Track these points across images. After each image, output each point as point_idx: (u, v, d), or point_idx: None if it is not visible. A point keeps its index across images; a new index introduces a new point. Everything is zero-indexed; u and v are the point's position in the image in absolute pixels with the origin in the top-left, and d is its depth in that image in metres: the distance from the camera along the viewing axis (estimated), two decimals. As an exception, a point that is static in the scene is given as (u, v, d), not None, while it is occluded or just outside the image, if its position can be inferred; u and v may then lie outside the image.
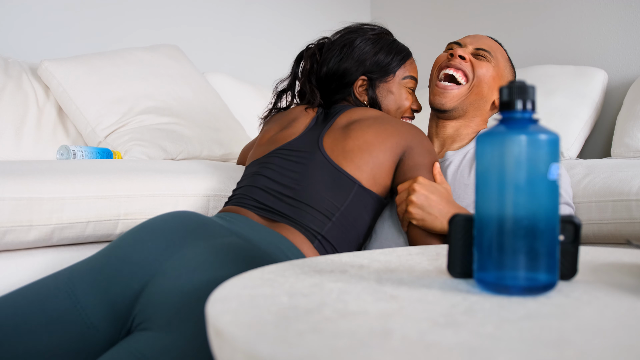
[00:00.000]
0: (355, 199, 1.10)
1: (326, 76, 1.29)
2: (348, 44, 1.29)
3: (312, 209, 1.08)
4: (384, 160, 1.13)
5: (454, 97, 1.33)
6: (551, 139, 0.54)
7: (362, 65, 1.27)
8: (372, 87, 1.29)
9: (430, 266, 0.69)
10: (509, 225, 0.54)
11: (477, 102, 1.34)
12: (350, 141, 1.14)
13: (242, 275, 0.62)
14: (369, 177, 1.11)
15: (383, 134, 1.15)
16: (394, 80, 1.31)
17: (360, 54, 1.28)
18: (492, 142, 0.55)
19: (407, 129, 1.18)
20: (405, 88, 1.32)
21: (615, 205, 1.25)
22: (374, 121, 1.18)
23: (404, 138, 1.15)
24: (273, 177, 1.15)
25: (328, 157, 1.14)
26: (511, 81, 0.56)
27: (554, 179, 0.54)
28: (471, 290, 0.58)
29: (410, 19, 2.97)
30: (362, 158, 1.12)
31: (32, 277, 1.16)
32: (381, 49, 1.30)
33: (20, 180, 1.12)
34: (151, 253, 0.90)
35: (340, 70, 1.28)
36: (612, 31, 2.13)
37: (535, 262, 0.54)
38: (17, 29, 2.15)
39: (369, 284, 0.60)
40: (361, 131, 1.15)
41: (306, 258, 0.73)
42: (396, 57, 1.32)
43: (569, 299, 0.55)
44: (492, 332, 0.46)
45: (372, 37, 1.31)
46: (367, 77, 1.28)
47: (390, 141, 1.14)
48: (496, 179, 0.55)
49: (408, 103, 1.32)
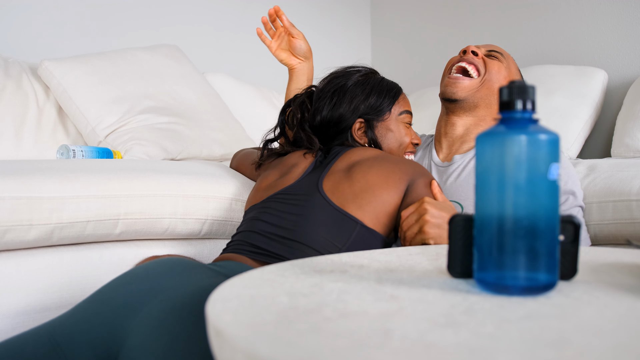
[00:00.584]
0: (358, 238, 1.07)
1: (321, 124, 1.29)
2: (338, 89, 1.29)
3: (310, 249, 1.05)
4: (387, 198, 1.10)
5: (465, 88, 1.34)
6: (551, 139, 0.54)
7: (357, 109, 1.27)
8: (370, 129, 1.28)
9: (430, 266, 0.69)
10: (509, 225, 0.54)
11: (487, 98, 1.34)
12: (353, 183, 1.13)
13: (242, 275, 0.62)
14: (372, 217, 1.09)
15: (385, 173, 1.13)
16: (391, 118, 1.30)
17: (353, 98, 1.28)
18: (492, 142, 0.55)
19: (408, 165, 1.17)
20: (402, 124, 1.32)
21: (616, 205, 1.25)
22: (375, 161, 1.16)
23: (407, 174, 1.14)
24: (271, 220, 1.12)
25: (328, 199, 1.11)
26: (511, 81, 0.56)
27: (554, 179, 0.54)
28: (471, 290, 0.58)
29: (410, 19, 2.97)
30: (365, 198, 1.10)
31: (32, 278, 1.16)
32: (372, 90, 1.30)
33: (21, 179, 1.12)
34: (134, 295, 0.87)
35: (335, 117, 1.27)
36: (612, 31, 2.13)
37: (535, 262, 0.54)
38: (17, 28, 2.15)
39: (369, 283, 0.60)
40: (362, 172, 1.13)
41: (306, 258, 0.72)
42: (388, 95, 1.31)
43: (569, 299, 0.55)
44: (492, 332, 0.46)
45: (360, 79, 1.31)
46: (364, 119, 1.28)
47: (393, 179, 1.12)
48: (496, 179, 0.55)
49: (408, 139, 1.31)
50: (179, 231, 1.33)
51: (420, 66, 2.92)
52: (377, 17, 3.18)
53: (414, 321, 0.48)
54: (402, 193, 1.12)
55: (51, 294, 1.18)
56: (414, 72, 2.94)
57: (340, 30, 3.09)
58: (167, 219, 1.30)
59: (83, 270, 1.23)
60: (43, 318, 1.16)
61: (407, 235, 1.05)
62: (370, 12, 3.21)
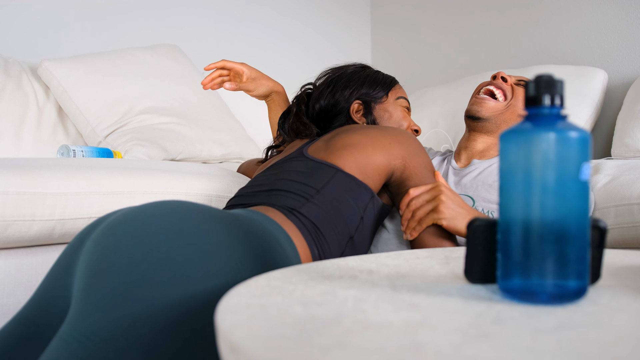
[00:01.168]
0: (337, 182, 1.05)
1: (319, 112, 1.31)
2: (335, 78, 1.33)
3: (286, 192, 1.04)
4: (373, 155, 1.08)
5: (489, 108, 1.35)
6: (582, 136, 0.51)
7: (353, 93, 1.30)
8: (369, 110, 1.30)
9: (443, 270, 0.65)
10: (537, 229, 0.51)
11: (511, 122, 1.35)
12: (335, 142, 1.12)
13: (247, 282, 0.58)
14: (353, 166, 1.07)
15: (372, 134, 1.12)
16: (389, 101, 1.32)
17: (348, 83, 1.31)
18: (518, 140, 0.52)
19: (401, 135, 1.14)
20: (401, 107, 1.33)
21: (618, 210, 1.25)
22: (362, 128, 1.16)
23: (401, 143, 1.12)
24: (257, 182, 1.14)
25: (309, 154, 1.12)
26: (538, 75, 0.52)
27: (586, 180, 0.51)
28: (493, 298, 0.54)
29: (410, 19, 2.95)
30: (346, 150, 1.09)
31: (32, 276, 1.17)
32: (367, 77, 1.33)
33: (24, 174, 1.13)
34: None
35: (332, 102, 1.30)
36: (612, 31, 2.13)
37: (565, 268, 0.51)
38: (17, 28, 2.13)
39: (383, 290, 0.56)
40: (347, 135, 1.13)
41: (311, 263, 0.68)
42: (384, 82, 1.34)
43: (598, 306, 0.52)
44: (529, 344, 0.42)
45: (356, 69, 1.35)
46: (362, 101, 1.30)
47: (381, 141, 1.10)
48: (522, 179, 0.51)
49: (407, 122, 1.32)
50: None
51: (420, 66, 2.90)
52: (377, 17, 3.16)
53: (443, 333, 0.45)
54: (392, 158, 1.09)
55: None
56: (414, 72, 2.92)
57: (340, 30, 3.07)
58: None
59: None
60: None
61: (418, 214, 1.03)
62: (370, 12, 3.18)
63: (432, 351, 0.41)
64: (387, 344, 0.42)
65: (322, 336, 0.43)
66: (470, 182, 1.31)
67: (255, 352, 0.40)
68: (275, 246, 0.87)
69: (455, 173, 1.37)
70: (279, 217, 0.97)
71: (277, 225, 0.94)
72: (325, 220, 1.00)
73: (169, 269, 0.69)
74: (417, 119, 2.31)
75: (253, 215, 0.94)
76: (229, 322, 0.45)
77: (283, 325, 0.45)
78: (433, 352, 0.40)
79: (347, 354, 0.40)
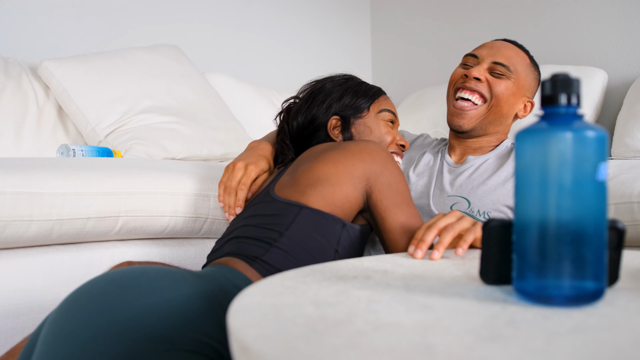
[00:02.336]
0: (301, 220, 0.99)
1: (298, 129, 1.22)
2: (314, 92, 1.23)
3: (251, 240, 1.00)
4: (337, 184, 1.01)
5: (472, 118, 1.29)
6: (599, 136, 0.50)
7: (330, 107, 1.20)
8: (347, 126, 1.19)
9: (458, 271, 0.65)
10: (553, 230, 0.50)
11: (497, 120, 1.30)
12: (299, 175, 1.06)
13: (260, 282, 0.58)
14: (319, 200, 1.00)
15: (334, 158, 1.04)
16: (369, 115, 1.21)
17: (326, 96, 1.21)
18: (534, 140, 0.51)
19: (367, 152, 1.04)
20: (383, 121, 1.22)
21: (617, 208, 1.24)
22: (327, 150, 1.08)
23: (364, 161, 1.03)
24: (228, 229, 1.10)
25: (274, 194, 1.06)
26: (554, 74, 0.52)
27: (603, 180, 0.50)
28: (508, 299, 0.54)
29: (410, 19, 2.93)
30: (310, 186, 1.02)
31: (32, 278, 1.15)
32: (348, 89, 1.22)
33: (21, 175, 1.11)
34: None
35: (309, 118, 1.20)
36: (612, 31, 2.10)
37: (582, 270, 0.50)
38: (17, 28, 2.14)
39: (397, 291, 0.56)
40: (309, 166, 1.06)
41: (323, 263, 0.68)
42: (366, 94, 1.22)
43: (615, 309, 0.51)
44: (542, 347, 0.42)
45: (338, 81, 1.24)
46: (340, 117, 1.20)
47: (343, 164, 1.02)
48: (538, 180, 0.51)
49: (390, 137, 1.21)
50: (179, 229, 1.31)
51: (420, 66, 2.88)
52: (377, 17, 3.14)
53: (455, 334, 0.44)
54: (357, 182, 1.01)
55: (51, 294, 1.17)
56: (414, 72, 2.90)
57: (340, 30, 3.06)
58: (168, 216, 1.28)
59: (83, 271, 1.21)
60: (42, 319, 1.14)
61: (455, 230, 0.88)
62: (370, 12, 3.17)
63: (443, 352, 0.40)
64: (397, 345, 0.42)
65: (333, 337, 0.43)
66: (465, 181, 1.27)
67: (265, 352, 0.40)
68: (233, 290, 0.87)
69: (450, 171, 1.32)
70: (243, 266, 0.96)
71: (241, 275, 0.93)
72: (292, 264, 0.96)
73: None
74: (417, 119, 2.28)
75: (214, 269, 0.94)
76: (241, 322, 0.46)
77: (294, 326, 0.45)
78: (444, 353, 0.40)
79: (357, 354, 0.40)
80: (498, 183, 1.24)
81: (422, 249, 0.78)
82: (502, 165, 1.27)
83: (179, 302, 0.78)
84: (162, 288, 0.80)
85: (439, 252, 0.77)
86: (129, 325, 0.74)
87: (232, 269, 0.94)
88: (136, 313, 0.75)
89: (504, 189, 1.23)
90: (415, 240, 0.81)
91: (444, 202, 1.25)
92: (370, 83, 1.27)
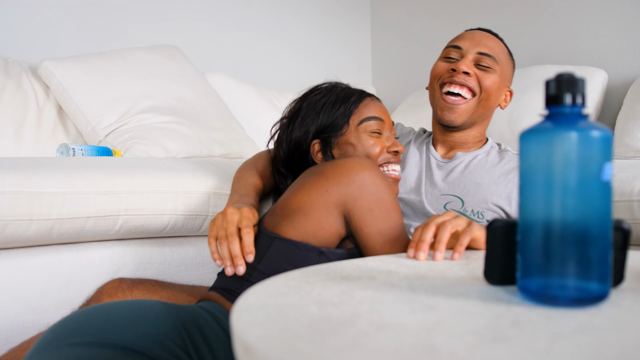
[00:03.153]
0: (273, 252, 0.96)
1: (286, 157, 1.17)
2: (293, 114, 1.18)
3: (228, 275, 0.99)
4: (311, 212, 0.96)
5: (463, 112, 1.28)
6: (604, 136, 0.50)
7: (308, 131, 1.15)
8: (328, 148, 1.14)
9: (463, 272, 0.65)
10: (558, 230, 0.50)
11: (485, 113, 1.31)
12: (281, 204, 1.02)
13: (265, 282, 0.58)
14: (291, 229, 0.96)
15: (309, 184, 0.99)
16: (350, 131, 1.14)
17: (304, 119, 1.15)
18: (539, 140, 0.51)
19: (343, 173, 0.97)
20: (366, 133, 1.13)
21: (618, 206, 1.24)
22: (305, 176, 1.03)
23: (340, 185, 0.96)
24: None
25: (261, 225, 1.03)
26: (559, 74, 0.51)
27: (608, 180, 0.50)
28: (513, 300, 0.53)
29: (410, 19, 2.93)
30: (286, 217, 0.98)
31: (31, 278, 1.15)
32: (324, 106, 1.15)
33: (21, 174, 1.11)
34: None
35: (293, 142, 1.16)
36: (612, 31, 2.10)
37: (586, 270, 0.49)
38: (17, 28, 2.14)
39: (401, 291, 0.56)
40: (291, 194, 1.02)
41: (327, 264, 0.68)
42: (343, 106, 1.15)
43: (620, 310, 0.51)
44: (547, 348, 0.42)
45: (315, 97, 1.18)
46: (320, 139, 1.15)
47: (317, 190, 0.97)
48: (543, 180, 0.51)
49: (377, 148, 1.12)
50: (179, 227, 1.31)
51: (420, 66, 2.88)
52: (377, 17, 3.14)
53: (459, 335, 0.44)
54: (332, 208, 0.96)
55: (51, 294, 1.16)
56: (414, 72, 2.90)
57: (340, 30, 3.06)
58: (168, 215, 1.28)
59: (83, 270, 1.21)
60: (42, 318, 1.14)
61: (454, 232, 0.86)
62: (370, 12, 3.17)
63: (447, 353, 0.40)
64: (401, 346, 0.41)
65: (336, 337, 0.43)
66: (457, 179, 1.26)
67: (268, 352, 0.40)
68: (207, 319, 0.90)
69: (439, 166, 1.31)
70: (221, 300, 0.97)
71: (218, 306, 0.94)
72: None
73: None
74: (417, 119, 2.26)
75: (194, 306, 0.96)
76: (244, 322, 0.45)
77: (298, 326, 0.45)
78: (447, 354, 0.40)
79: (360, 355, 0.39)
80: (490, 182, 1.23)
81: (422, 249, 0.75)
82: (495, 165, 1.27)
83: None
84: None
85: (440, 253, 0.75)
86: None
87: (212, 302, 0.97)
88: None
89: (497, 188, 1.23)
90: (413, 242, 0.78)
91: (437, 201, 1.25)
92: (352, 87, 1.21)
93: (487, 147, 1.33)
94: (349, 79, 3.10)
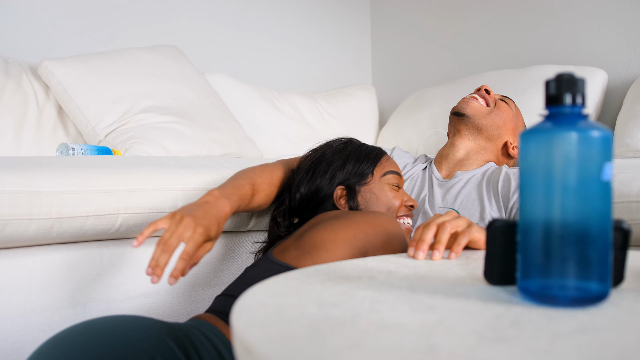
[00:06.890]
0: None
1: (301, 202, 1.19)
2: (315, 161, 1.21)
3: (234, 298, 0.98)
4: (332, 250, 0.98)
5: (474, 108, 1.45)
6: (604, 136, 0.50)
7: (334, 177, 1.18)
8: (353, 195, 1.18)
9: (463, 272, 0.65)
10: (557, 230, 0.50)
11: (491, 129, 1.45)
12: (303, 239, 1.03)
13: (265, 282, 0.58)
14: (310, 263, 0.97)
15: (337, 227, 1.01)
16: (374, 180, 1.20)
17: (329, 166, 1.19)
18: (539, 140, 0.51)
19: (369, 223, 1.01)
20: (388, 185, 1.20)
21: (616, 207, 1.24)
22: (334, 218, 1.05)
23: (367, 233, 1.00)
24: (229, 287, 1.09)
25: (271, 257, 1.04)
26: (559, 74, 0.51)
27: (608, 180, 0.50)
28: (513, 300, 0.54)
29: (410, 19, 2.93)
30: (306, 251, 1.00)
31: (31, 277, 1.14)
32: (350, 155, 1.21)
33: (20, 173, 1.11)
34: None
35: (313, 189, 1.18)
36: (612, 31, 2.10)
37: (586, 270, 0.49)
38: (16, 28, 2.13)
39: (401, 292, 0.56)
40: (316, 230, 1.03)
41: (327, 264, 0.68)
42: (367, 158, 1.22)
43: (621, 309, 0.51)
44: (546, 348, 0.42)
45: (338, 147, 1.23)
46: (344, 186, 1.18)
47: (344, 233, 1.00)
48: (543, 180, 0.51)
49: (397, 201, 1.19)
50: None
51: (420, 66, 2.88)
52: (377, 17, 3.14)
53: (459, 335, 0.44)
54: (353, 249, 0.98)
55: (50, 293, 1.16)
56: (414, 72, 2.90)
57: (340, 30, 3.06)
58: (168, 212, 1.27)
59: (83, 270, 1.21)
60: (42, 318, 1.14)
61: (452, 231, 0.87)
62: (370, 12, 3.16)
63: (446, 353, 0.40)
64: (401, 346, 0.41)
65: (336, 337, 0.43)
66: (454, 196, 1.36)
67: (268, 352, 0.40)
68: (197, 344, 0.89)
69: (440, 185, 1.42)
70: (220, 323, 0.96)
71: (215, 329, 0.93)
72: None
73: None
74: (417, 119, 2.29)
75: (187, 324, 0.95)
76: (244, 322, 0.45)
77: (298, 326, 0.45)
78: (447, 354, 0.40)
79: (360, 355, 0.39)
80: (485, 198, 1.32)
81: (422, 248, 0.76)
82: (490, 184, 1.35)
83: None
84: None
85: (439, 252, 0.75)
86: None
87: (207, 323, 0.95)
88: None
89: (490, 204, 1.31)
90: (413, 241, 0.79)
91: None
92: (370, 145, 1.27)
93: (486, 167, 1.44)
94: (349, 78, 3.10)
